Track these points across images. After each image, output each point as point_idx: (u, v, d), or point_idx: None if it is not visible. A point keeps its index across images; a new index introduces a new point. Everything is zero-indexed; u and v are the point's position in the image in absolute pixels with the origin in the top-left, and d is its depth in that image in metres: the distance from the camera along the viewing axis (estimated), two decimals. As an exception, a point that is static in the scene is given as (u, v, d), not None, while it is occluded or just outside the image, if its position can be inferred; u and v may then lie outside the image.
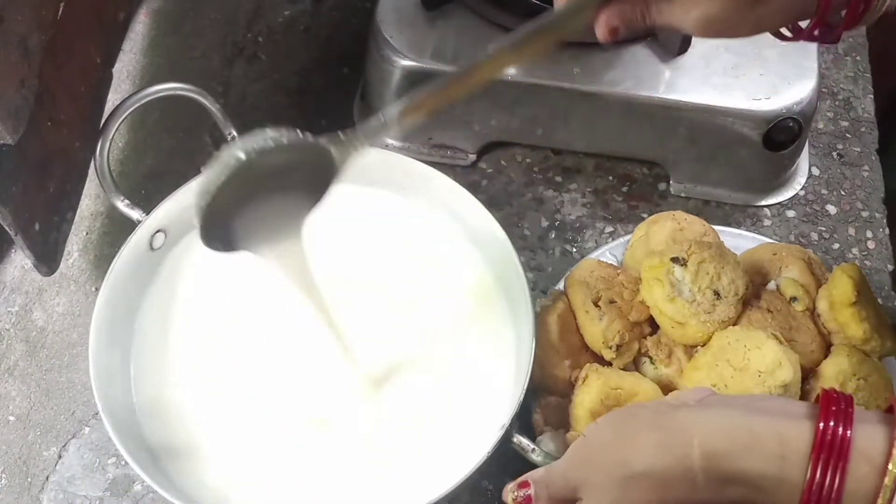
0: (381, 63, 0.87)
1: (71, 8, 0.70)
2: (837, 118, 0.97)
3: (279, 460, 0.68)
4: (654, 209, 0.89)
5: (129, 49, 1.02)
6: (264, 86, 1.00)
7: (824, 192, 0.91)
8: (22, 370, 0.82)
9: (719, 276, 0.71)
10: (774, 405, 0.51)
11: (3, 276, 0.87)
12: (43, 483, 0.77)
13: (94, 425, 0.79)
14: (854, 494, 0.46)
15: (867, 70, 1.00)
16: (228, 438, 0.70)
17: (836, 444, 0.46)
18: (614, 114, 0.86)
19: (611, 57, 0.86)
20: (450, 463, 0.65)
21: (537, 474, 0.57)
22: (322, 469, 0.68)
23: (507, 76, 0.85)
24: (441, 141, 0.92)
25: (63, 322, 0.85)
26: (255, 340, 0.74)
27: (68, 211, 0.74)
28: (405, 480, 0.67)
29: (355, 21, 1.04)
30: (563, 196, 0.91)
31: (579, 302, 0.74)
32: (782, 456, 0.48)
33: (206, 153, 0.94)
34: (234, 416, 0.70)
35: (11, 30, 0.61)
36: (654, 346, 0.73)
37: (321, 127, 0.95)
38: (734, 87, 0.84)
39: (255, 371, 0.72)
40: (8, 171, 0.64)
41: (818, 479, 0.46)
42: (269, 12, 1.05)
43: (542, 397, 0.73)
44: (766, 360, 0.67)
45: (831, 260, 0.86)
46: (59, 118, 0.71)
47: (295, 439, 0.69)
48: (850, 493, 0.46)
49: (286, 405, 0.71)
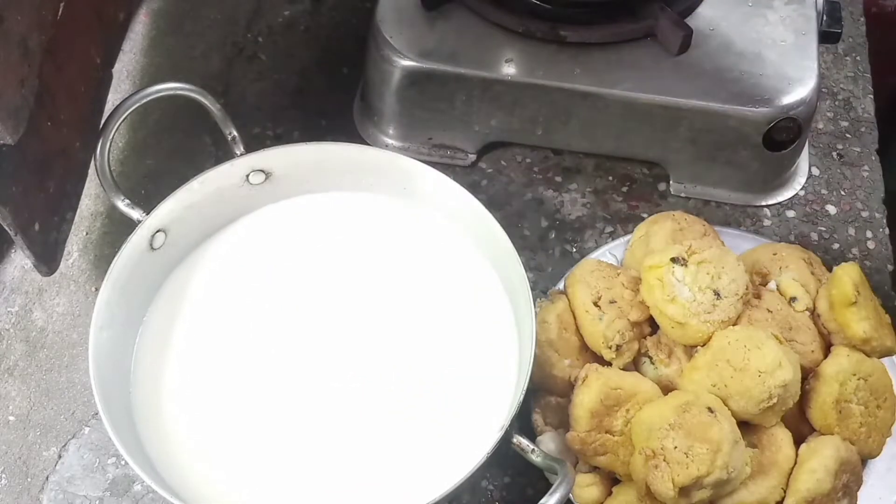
0: (381, 63, 0.87)
1: (71, 8, 0.70)
2: (837, 118, 0.97)
3: (279, 460, 0.68)
4: (654, 209, 0.89)
5: (129, 49, 1.02)
6: (264, 86, 1.00)
7: (824, 192, 0.91)
8: (22, 370, 0.82)
9: (719, 276, 0.71)
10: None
11: (3, 276, 0.87)
12: (43, 483, 0.77)
13: (94, 425, 0.79)
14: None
15: (867, 70, 1.00)
16: (228, 438, 0.70)
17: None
18: (614, 114, 0.86)
19: (611, 57, 0.86)
20: (450, 463, 0.65)
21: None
22: (322, 469, 0.68)
23: (507, 76, 0.85)
24: (441, 141, 0.92)
25: (63, 322, 0.85)
26: (256, 342, 0.74)
27: (68, 211, 0.74)
28: (405, 480, 0.67)
29: (355, 21, 1.04)
30: (563, 196, 0.91)
31: (579, 302, 0.74)
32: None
33: (206, 153, 0.94)
34: (235, 416, 0.70)
35: (11, 30, 0.61)
36: (654, 346, 0.73)
37: (321, 127, 0.97)
38: (734, 87, 0.84)
39: (255, 371, 0.72)
40: (8, 171, 0.64)
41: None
42: (269, 12, 1.05)
43: (542, 397, 0.73)
44: (766, 360, 0.67)
45: (831, 260, 0.86)
46: (59, 118, 0.71)
47: (295, 440, 0.69)
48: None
49: (287, 406, 0.71)
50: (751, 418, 0.68)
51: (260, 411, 0.70)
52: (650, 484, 0.66)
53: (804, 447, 0.69)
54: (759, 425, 0.69)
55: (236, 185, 0.78)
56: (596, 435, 0.68)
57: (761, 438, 0.70)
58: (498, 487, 0.76)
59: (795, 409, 0.70)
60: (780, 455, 0.69)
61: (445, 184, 0.75)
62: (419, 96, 0.88)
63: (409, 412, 0.70)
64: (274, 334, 0.74)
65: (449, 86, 0.86)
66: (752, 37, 0.86)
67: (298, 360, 0.73)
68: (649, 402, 0.69)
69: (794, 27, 0.87)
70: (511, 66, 0.86)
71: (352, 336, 0.73)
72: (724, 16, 0.88)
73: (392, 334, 0.74)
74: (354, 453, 0.69)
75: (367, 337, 0.73)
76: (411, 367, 0.72)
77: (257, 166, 0.77)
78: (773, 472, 0.68)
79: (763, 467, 0.68)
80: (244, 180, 0.78)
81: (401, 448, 0.69)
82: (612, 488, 0.71)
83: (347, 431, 0.69)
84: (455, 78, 0.86)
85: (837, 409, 0.69)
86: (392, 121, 0.91)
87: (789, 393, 0.68)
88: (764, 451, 0.69)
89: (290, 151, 0.77)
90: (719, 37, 0.86)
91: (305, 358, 0.73)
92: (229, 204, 0.78)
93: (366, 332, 0.73)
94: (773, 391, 0.67)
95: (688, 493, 0.65)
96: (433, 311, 0.75)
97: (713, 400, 0.67)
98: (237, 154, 0.77)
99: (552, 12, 0.85)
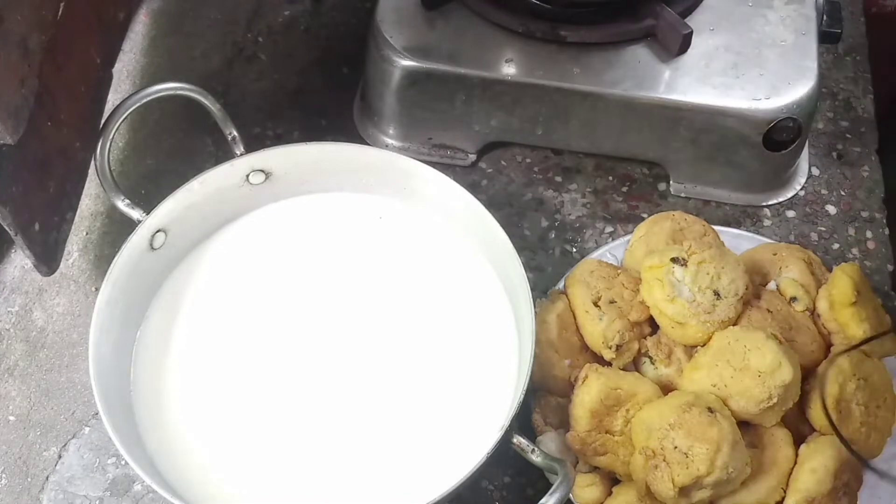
0: (381, 63, 0.87)
1: (71, 8, 0.70)
2: (837, 118, 0.97)
3: (279, 459, 0.69)
4: (654, 209, 0.89)
5: (129, 49, 1.02)
6: (264, 86, 1.00)
7: (824, 192, 0.91)
8: (22, 370, 0.82)
9: (719, 276, 0.71)
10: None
11: (3, 276, 0.87)
12: (43, 483, 0.77)
13: (94, 425, 0.79)
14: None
15: (867, 70, 1.00)
16: (229, 438, 0.70)
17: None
18: (614, 114, 0.86)
19: (611, 57, 0.86)
20: (450, 463, 0.65)
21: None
22: (322, 469, 0.68)
23: (507, 76, 0.85)
24: (441, 141, 0.92)
25: (63, 322, 0.85)
26: (256, 342, 0.74)
27: (68, 211, 0.74)
28: (405, 480, 0.67)
29: (355, 21, 1.04)
30: (563, 196, 0.91)
31: (579, 302, 0.74)
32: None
33: (206, 153, 0.94)
34: (235, 415, 0.70)
35: (11, 30, 0.61)
36: (654, 346, 0.73)
37: (321, 127, 0.97)
38: (734, 87, 0.84)
39: (255, 371, 0.72)
40: (8, 171, 0.64)
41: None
42: (269, 12, 1.05)
43: (542, 397, 0.73)
44: (766, 360, 0.67)
45: (831, 260, 0.86)
46: (59, 118, 0.71)
47: (295, 439, 0.69)
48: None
49: (286, 406, 0.71)
50: (751, 418, 0.68)
51: (260, 411, 0.71)
52: (650, 484, 0.66)
53: (804, 447, 0.69)
54: (759, 425, 0.70)
55: (236, 185, 0.78)
56: (596, 435, 0.68)
57: (761, 438, 0.70)
58: (498, 487, 0.76)
59: (795, 409, 0.70)
60: (780, 455, 0.69)
61: (445, 184, 0.75)
62: (419, 96, 0.88)
63: (410, 412, 0.70)
64: (274, 334, 0.74)
65: (449, 86, 0.86)
66: (752, 37, 0.86)
67: (298, 360, 0.73)
68: (649, 402, 0.69)
69: (794, 27, 0.87)
70: (511, 66, 0.86)
71: (352, 336, 0.73)
72: (724, 16, 0.88)
73: (392, 334, 0.74)
74: (354, 453, 0.69)
75: (367, 337, 0.73)
76: (411, 367, 0.72)
77: (257, 166, 0.77)
78: (773, 472, 0.68)
79: (763, 467, 0.68)
80: (244, 180, 0.78)
81: (401, 448, 0.69)
82: (612, 488, 0.71)
83: (347, 431, 0.69)
84: (455, 78, 0.86)
85: (837, 409, 0.69)
86: (392, 121, 0.91)
87: (789, 393, 0.68)
88: (764, 451, 0.69)
89: (290, 151, 0.78)
90: (719, 37, 0.86)
91: (305, 358, 0.73)
92: (229, 204, 0.78)
93: (366, 332, 0.73)
94: (773, 391, 0.67)
95: (688, 493, 0.65)
96: (433, 311, 0.75)
97: (713, 400, 0.67)
98: (237, 154, 0.77)
99: (552, 12, 0.85)
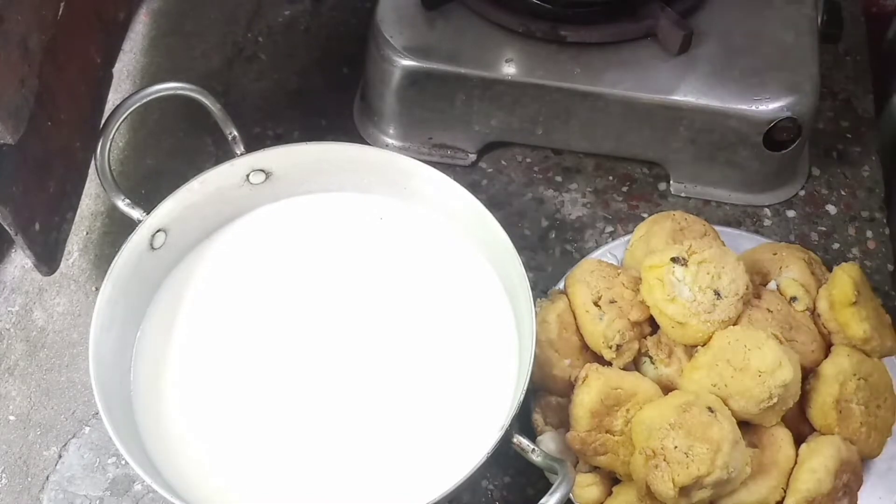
0: (381, 63, 0.87)
1: (71, 8, 0.70)
2: (837, 118, 0.96)
3: (279, 459, 0.69)
4: (654, 209, 0.89)
5: (129, 49, 1.02)
6: (264, 86, 1.00)
7: (824, 192, 0.91)
8: (22, 370, 0.82)
9: (719, 276, 0.71)
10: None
11: (3, 276, 0.87)
12: (43, 483, 0.77)
13: (94, 425, 0.79)
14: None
15: (867, 70, 1.00)
16: (229, 438, 0.70)
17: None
18: (614, 114, 0.86)
19: (611, 57, 0.86)
20: (450, 463, 0.65)
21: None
22: (322, 469, 0.68)
23: (507, 76, 0.85)
24: (441, 141, 0.92)
25: (63, 322, 0.85)
26: (257, 342, 0.74)
27: (68, 211, 0.74)
28: (405, 480, 0.67)
29: (355, 21, 1.04)
30: (564, 196, 0.91)
31: (579, 302, 0.74)
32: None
33: (206, 153, 0.94)
34: (235, 415, 0.70)
35: (11, 30, 0.62)
36: (655, 346, 0.73)
37: (321, 127, 0.97)
38: (734, 87, 0.84)
39: (255, 371, 0.72)
40: (8, 171, 0.64)
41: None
42: (269, 12, 1.05)
43: (542, 397, 0.73)
44: (766, 360, 0.67)
45: (831, 260, 0.86)
46: (59, 118, 0.71)
47: (295, 439, 0.69)
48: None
49: (286, 406, 0.71)
50: (751, 418, 0.68)
51: (260, 411, 0.71)
52: (650, 484, 0.66)
53: (804, 447, 0.69)
54: (759, 425, 0.70)
55: (236, 184, 0.78)
56: (596, 435, 0.68)
57: (761, 438, 0.70)
58: (498, 487, 0.76)
59: (795, 409, 0.70)
60: (780, 455, 0.69)
61: (446, 183, 0.75)
62: (419, 96, 0.88)
63: (410, 412, 0.70)
64: (274, 334, 0.74)
65: (449, 85, 0.86)
66: (752, 37, 0.86)
67: (298, 360, 0.73)
68: (649, 401, 0.69)
69: (794, 27, 0.87)
70: (511, 65, 0.86)
71: (352, 336, 0.73)
72: (724, 16, 0.88)
73: (392, 334, 0.74)
74: (354, 453, 0.69)
75: (367, 337, 0.73)
76: (411, 366, 0.72)
77: (257, 166, 0.77)
78: (773, 472, 0.68)
79: (763, 467, 0.68)
80: (244, 180, 0.78)
81: (401, 448, 0.69)
82: (612, 488, 0.71)
83: (347, 431, 0.69)
84: (455, 78, 0.86)
85: (837, 409, 0.69)
86: (392, 120, 0.91)
87: (789, 393, 0.68)
88: (764, 451, 0.69)
89: (290, 151, 0.78)
90: (719, 37, 0.86)
91: (305, 358, 0.73)
92: (229, 204, 0.78)
93: (366, 332, 0.74)
94: (773, 391, 0.67)
95: (688, 493, 0.65)
96: (433, 311, 0.75)
97: (713, 400, 0.67)
98: (237, 154, 0.77)
99: (552, 12, 0.85)
